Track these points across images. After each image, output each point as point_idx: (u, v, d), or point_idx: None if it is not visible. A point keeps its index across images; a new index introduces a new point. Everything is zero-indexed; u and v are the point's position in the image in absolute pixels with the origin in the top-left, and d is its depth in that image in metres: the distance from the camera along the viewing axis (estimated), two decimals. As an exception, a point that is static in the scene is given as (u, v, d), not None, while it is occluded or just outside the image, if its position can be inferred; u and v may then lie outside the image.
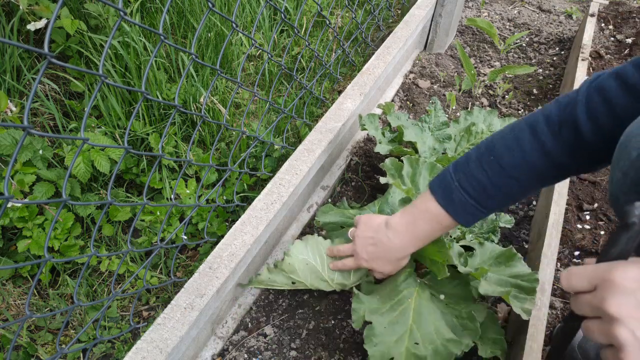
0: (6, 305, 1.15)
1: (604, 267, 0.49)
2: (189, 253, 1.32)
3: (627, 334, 0.46)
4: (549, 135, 0.71)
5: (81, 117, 1.45)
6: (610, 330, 0.47)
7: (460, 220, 0.80)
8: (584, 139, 0.68)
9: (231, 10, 1.79)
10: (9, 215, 1.15)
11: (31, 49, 0.49)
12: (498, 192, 0.76)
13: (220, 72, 0.95)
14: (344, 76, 1.87)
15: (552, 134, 0.71)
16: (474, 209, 0.78)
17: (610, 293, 0.47)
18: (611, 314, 0.47)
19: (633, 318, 0.46)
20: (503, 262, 0.97)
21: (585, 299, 0.51)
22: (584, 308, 0.51)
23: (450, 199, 0.79)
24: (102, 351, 1.07)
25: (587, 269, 0.51)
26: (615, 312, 0.46)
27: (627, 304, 0.46)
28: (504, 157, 0.75)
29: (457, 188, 0.78)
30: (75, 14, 1.52)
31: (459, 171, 0.79)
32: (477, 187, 0.77)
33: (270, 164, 1.45)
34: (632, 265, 0.47)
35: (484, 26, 1.90)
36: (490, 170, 0.76)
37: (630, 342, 0.45)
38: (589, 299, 0.50)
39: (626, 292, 0.46)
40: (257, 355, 1.00)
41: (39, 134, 0.56)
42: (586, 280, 0.51)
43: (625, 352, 0.46)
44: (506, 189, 0.76)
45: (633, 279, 0.46)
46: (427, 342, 0.83)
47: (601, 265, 0.50)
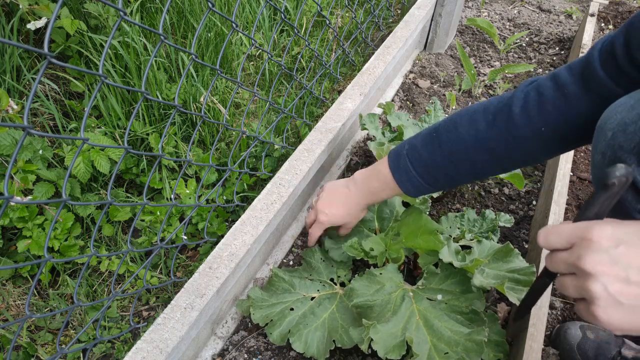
0: (6, 305, 1.15)
1: (582, 226, 0.51)
2: (189, 253, 1.32)
3: (600, 288, 0.48)
4: (483, 123, 0.79)
5: (81, 117, 1.45)
6: (584, 285, 0.49)
7: (401, 186, 0.89)
8: (515, 129, 0.76)
9: (231, 10, 1.79)
10: (9, 215, 1.15)
11: (31, 49, 0.49)
12: (436, 169, 0.84)
13: (220, 72, 0.95)
14: (344, 76, 1.87)
15: (487, 122, 0.79)
16: (415, 179, 0.87)
17: (587, 250, 0.49)
18: (587, 270, 0.49)
19: (606, 274, 0.48)
20: (501, 258, 0.97)
21: (561, 256, 0.53)
22: (559, 265, 0.53)
23: (398, 165, 0.88)
24: (102, 351, 1.07)
25: (564, 227, 0.53)
26: (590, 269, 0.48)
27: (602, 261, 0.48)
28: (443, 137, 0.83)
29: (404, 156, 0.87)
30: (75, 14, 1.52)
31: (410, 143, 0.88)
32: (419, 160, 0.85)
33: (270, 164, 1.45)
34: (608, 225, 0.49)
35: (484, 26, 1.90)
36: (431, 146, 0.84)
37: (602, 296, 0.48)
38: (565, 257, 0.52)
39: (601, 250, 0.48)
40: (257, 355, 1.00)
41: (39, 134, 0.56)
42: (564, 239, 0.52)
43: (597, 305, 0.48)
44: (443, 168, 0.84)
45: (608, 237, 0.48)
46: (453, 345, 0.83)
47: (579, 224, 0.52)
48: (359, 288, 0.94)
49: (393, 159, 0.90)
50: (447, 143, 0.82)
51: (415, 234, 0.99)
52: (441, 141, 0.83)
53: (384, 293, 0.93)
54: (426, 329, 0.87)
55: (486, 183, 1.41)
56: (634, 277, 0.47)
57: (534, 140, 0.76)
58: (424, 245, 0.97)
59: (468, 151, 0.80)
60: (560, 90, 0.73)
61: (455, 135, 0.81)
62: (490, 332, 0.91)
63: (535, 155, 0.80)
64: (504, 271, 0.94)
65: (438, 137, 0.83)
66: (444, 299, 0.92)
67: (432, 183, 0.87)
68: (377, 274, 0.95)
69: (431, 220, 0.98)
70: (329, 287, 1.05)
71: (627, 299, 0.47)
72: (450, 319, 0.88)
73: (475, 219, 1.17)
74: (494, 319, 0.93)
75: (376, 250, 1.02)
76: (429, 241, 0.96)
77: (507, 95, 0.79)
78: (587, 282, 0.49)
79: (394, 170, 0.89)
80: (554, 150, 0.79)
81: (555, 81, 0.74)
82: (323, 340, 0.95)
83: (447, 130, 0.83)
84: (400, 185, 0.89)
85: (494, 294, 1.10)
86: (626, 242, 0.48)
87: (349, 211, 1.01)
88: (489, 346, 0.89)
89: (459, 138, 0.81)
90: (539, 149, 0.78)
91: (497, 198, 1.36)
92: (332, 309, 0.99)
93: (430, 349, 0.84)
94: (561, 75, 0.74)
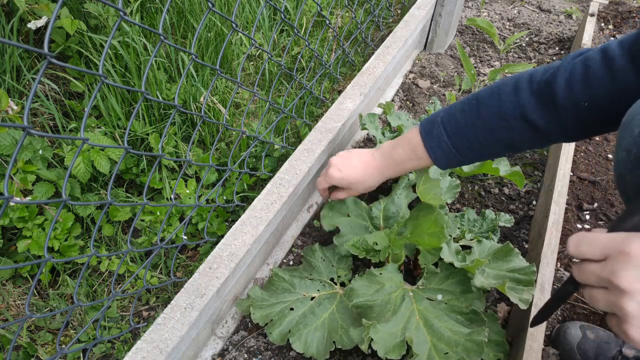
0: (6, 305, 1.15)
1: (620, 238, 0.47)
2: (189, 253, 1.32)
3: (636, 307, 0.45)
4: (527, 91, 0.75)
5: (81, 117, 1.45)
6: (617, 302, 0.47)
7: (431, 154, 0.85)
8: (556, 102, 0.72)
9: (231, 10, 1.79)
10: (9, 215, 1.15)
11: (31, 49, 0.49)
12: (472, 136, 0.81)
13: (220, 72, 0.95)
14: (344, 76, 1.87)
15: (531, 91, 0.75)
16: (447, 146, 0.83)
17: (624, 265, 0.46)
18: (622, 287, 0.46)
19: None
20: (501, 258, 0.97)
21: (592, 268, 0.50)
22: (589, 277, 0.50)
23: (431, 132, 0.85)
24: (102, 351, 1.07)
25: (599, 237, 0.49)
26: (626, 286, 0.45)
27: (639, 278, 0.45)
28: (483, 103, 0.79)
29: (438, 124, 0.84)
30: (75, 13, 1.52)
31: (446, 110, 0.85)
32: (454, 126, 0.82)
33: (270, 164, 1.45)
34: None
35: (484, 26, 1.90)
36: (469, 111, 0.81)
37: (637, 316, 0.45)
38: (598, 270, 0.49)
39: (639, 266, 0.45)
40: (257, 355, 1.00)
41: (39, 134, 0.55)
42: (597, 249, 0.49)
43: (630, 324, 0.46)
44: (479, 137, 0.80)
45: None
46: (453, 345, 0.83)
47: (616, 235, 0.48)
48: (359, 288, 0.94)
49: (426, 126, 0.86)
50: (487, 109, 0.78)
51: (422, 229, 0.99)
52: (481, 107, 0.79)
53: (384, 293, 0.93)
54: (426, 329, 0.87)
55: (486, 183, 1.41)
56: None
57: (573, 116, 0.72)
58: (427, 240, 0.96)
59: (507, 119, 0.77)
60: (608, 64, 0.68)
61: (497, 101, 0.78)
62: (490, 332, 0.91)
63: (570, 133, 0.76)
64: (504, 271, 0.94)
65: (478, 104, 0.80)
66: (444, 299, 0.92)
67: (464, 152, 0.83)
68: (377, 274, 0.95)
69: (442, 214, 0.96)
70: (329, 286, 1.05)
71: None
72: (450, 319, 0.88)
73: (475, 219, 1.17)
74: (494, 319, 0.93)
75: (380, 245, 1.02)
76: (433, 235, 0.95)
77: (555, 65, 0.75)
78: (621, 299, 0.46)
79: (425, 138, 0.85)
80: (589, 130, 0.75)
81: (605, 54, 0.69)
82: (323, 340, 0.95)
83: (489, 96, 0.79)
84: (431, 153, 0.85)
85: (494, 294, 1.10)
86: None
87: (365, 174, 0.97)
88: (489, 346, 0.89)
89: (501, 105, 0.77)
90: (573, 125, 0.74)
91: (497, 198, 1.36)
92: (332, 309, 0.99)
93: (430, 349, 0.84)
94: (611, 48, 0.69)
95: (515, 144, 0.80)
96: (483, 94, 0.80)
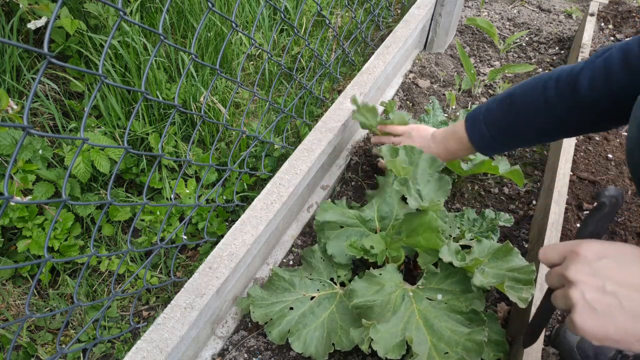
0: (6, 305, 1.15)
1: (574, 242, 0.56)
2: (189, 253, 1.32)
3: (579, 295, 0.52)
4: (553, 91, 0.86)
5: (81, 117, 1.45)
6: (567, 293, 0.54)
7: (475, 144, 1.02)
8: (581, 101, 0.81)
9: (231, 10, 1.79)
10: (9, 215, 1.15)
11: (31, 49, 0.49)
12: (508, 127, 0.95)
13: (220, 71, 0.95)
14: (344, 76, 1.87)
15: (556, 90, 0.85)
16: (488, 137, 0.99)
17: (573, 262, 0.54)
18: (570, 278, 0.54)
19: (585, 283, 0.52)
20: (500, 257, 0.97)
21: (554, 270, 0.58)
22: (554, 279, 0.58)
23: (473, 125, 1.01)
24: (102, 351, 1.07)
25: (560, 244, 0.58)
26: (572, 277, 0.54)
27: (583, 271, 0.53)
28: (515, 99, 0.93)
29: (480, 120, 0.99)
30: (75, 13, 1.52)
31: (486, 105, 0.99)
32: (494, 121, 0.97)
33: (270, 164, 1.45)
34: (597, 242, 0.55)
35: (484, 26, 1.89)
36: (506, 107, 0.95)
37: (580, 302, 0.52)
38: (557, 269, 0.57)
39: (585, 262, 0.53)
40: (257, 355, 1.00)
41: (39, 134, 0.56)
42: (559, 253, 0.58)
43: (575, 311, 0.52)
44: (514, 127, 0.95)
45: (594, 252, 0.54)
46: (453, 345, 0.83)
47: (572, 241, 0.57)
48: (358, 289, 0.94)
49: (470, 120, 1.02)
50: (518, 105, 0.92)
51: (417, 232, 0.99)
52: (513, 103, 0.93)
53: (384, 293, 0.93)
54: (426, 328, 0.87)
55: (486, 182, 1.41)
56: (609, 288, 0.51)
57: (595, 115, 0.82)
58: (424, 243, 0.97)
59: (537, 114, 0.89)
60: (627, 63, 0.74)
61: (528, 98, 0.90)
62: (490, 332, 0.91)
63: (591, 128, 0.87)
64: (504, 270, 0.94)
65: (511, 100, 0.93)
66: (443, 299, 0.92)
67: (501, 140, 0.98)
68: (376, 274, 0.95)
69: (436, 217, 0.98)
70: (329, 286, 1.05)
71: (601, 307, 0.51)
72: (450, 319, 0.88)
73: (475, 219, 1.17)
74: (494, 319, 0.93)
75: (376, 248, 1.02)
76: (429, 239, 0.95)
77: (579, 66, 0.83)
78: (569, 289, 0.54)
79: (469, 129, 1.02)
80: (610, 125, 0.85)
81: (625, 53, 0.75)
82: (322, 340, 0.95)
83: (521, 93, 0.92)
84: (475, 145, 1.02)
85: (494, 293, 1.10)
86: (608, 257, 0.53)
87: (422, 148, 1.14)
88: (489, 346, 0.89)
89: (530, 102, 0.89)
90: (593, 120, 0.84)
91: (497, 198, 1.36)
92: (332, 309, 0.99)
93: (430, 348, 0.84)
94: (630, 46, 0.75)
95: (545, 136, 0.93)
96: (516, 90, 0.94)
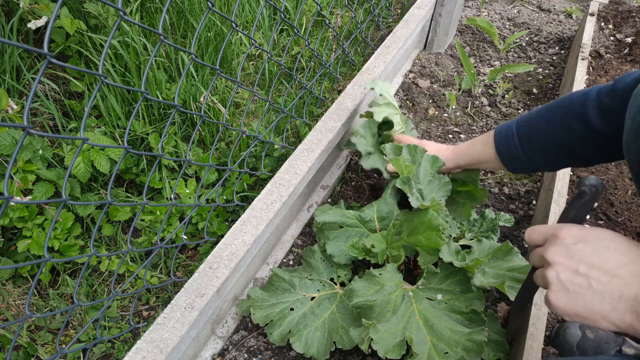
0: (6, 305, 1.15)
1: (556, 226, 0.60)
2: (189, 253, 1.32)
3: (554, 275, 0.57)
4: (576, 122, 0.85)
5: (81, 117, 1.45)
6: (544, 272, 0.58)
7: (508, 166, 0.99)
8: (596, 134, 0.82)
9: (231, 10, 1.79)
10: (9, 215, 1.15)
11: (31, 49, 0.49)
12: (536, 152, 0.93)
13: (220, 71, 0.95)
14: (344, 76, 1.87)
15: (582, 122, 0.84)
16: (516, 151, 0.96)
17: (552, 244, 0.59)
18: (548, 259, 0.58)
19: (561, 264, 0.57)
20: (500, 257, 0.97)
21: (536, 250, 0.62)
22: (536, 259, 0.62)
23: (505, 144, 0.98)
24: (102, 351, 1.07)
25: (544, 226, 0.62)
26: (550, 258, 0.58)
27: (560, 252, 0.57)
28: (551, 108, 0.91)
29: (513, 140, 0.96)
30: (75, 13, 1.52)
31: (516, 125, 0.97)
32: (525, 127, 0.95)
33: (270, 164, 1.45)
34: (576, 227, 0.58)
35: (484, 25, 1.89)
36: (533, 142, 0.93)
37: (554, 282, 0.57)
38: (538, 250, 0.61)
39: (563, 244, 0.57)
40: (257, 355, 1.00)
41: (39, 133, 0.56)
42: (541, 235, 0.62)
43: (550, 289, 0.57)
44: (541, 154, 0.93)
45: (572, 235, 0.57)
46: (453, 345, 0.83)
47: (555, 225, 0.61)
48: (358, 289, 0.94)
49: (500, 134, 0.99)
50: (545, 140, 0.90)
51: (418, 230, 0.99)
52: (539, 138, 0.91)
53: (384, 293, 0.93)
54: (426, 328, 0.87)
55: (486, 182, 1.41)
56: (582, 270, 0.55)
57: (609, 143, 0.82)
58: (425, 242, 0.97)
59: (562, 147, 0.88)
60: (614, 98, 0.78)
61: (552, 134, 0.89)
62: (490, 332, 0.91)
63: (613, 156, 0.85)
64: (504, 270, 0.94)
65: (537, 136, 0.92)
66: (443, 299, 0.92)
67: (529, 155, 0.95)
68: (376, 274, 0.95)
69: (436, 216, 0.98)
70: (329, 287, 1.05)
71: (573, 287, 0.55)
72: (450, 319, 0.88)
73: (475, 219, 1.17)
74: (494, 319, 0.93)
75: (377, 247, 1.02)
76: (430, 238, 0.95)
77: (589, 97, 0.83)
78: (546, 269, 0.58)
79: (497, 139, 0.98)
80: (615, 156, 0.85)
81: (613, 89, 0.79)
82: (323, 340, 0.95)
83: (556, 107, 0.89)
84: (507, 164, 0.99)
85: (494, 293, 1.10)
86: (585, 241, 0.56)
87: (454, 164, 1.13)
88: (489, 346, 0.89)
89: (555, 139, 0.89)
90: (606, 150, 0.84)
91: (497, 197, 1.36)
92: (332, 309, 0.99)
93: (430, 348, 0.84)
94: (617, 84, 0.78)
95: (575, 149, 0.88)
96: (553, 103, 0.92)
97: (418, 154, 1.12)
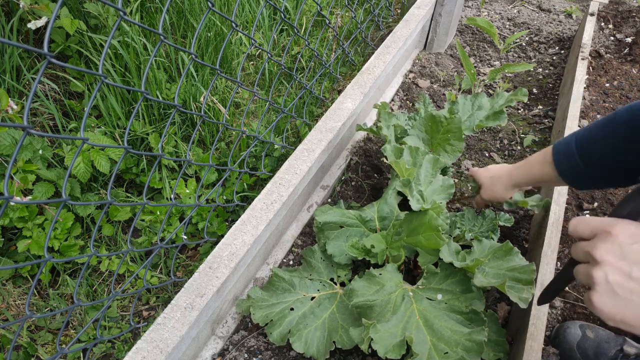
0: (6, 305, 1.15)
1: (609, 221, 0.54)
2: (189, 253, 1.32)
3: (602, 276, 0.51)
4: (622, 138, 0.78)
5: (81, 117, 1.45)
6: (590, 271, 0.53)
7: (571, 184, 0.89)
8: None
9: (231, 10, 1.79)
10: (9, 215, 1.15)
11: (31, 49, 0.49)
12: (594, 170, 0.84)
13: (220, 71, 0.95)
14: (344, 76, 1.87)
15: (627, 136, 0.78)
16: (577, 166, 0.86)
17: (603, 241, 0.53)
18: (596, 257, 0.52)
19: (611, 264, 0.51)
20: (501, 257, 0.97)
21: (582, 244, 0.56)
22: (579, 253, 0.56)
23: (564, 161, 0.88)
24: (102, 351, 1.07)
25: (594, 219, 0.56)
26: (599, 257, 0.52)
27: (611, 251, 0.51)
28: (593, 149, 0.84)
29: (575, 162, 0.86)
30: (75, 13, 1.52)
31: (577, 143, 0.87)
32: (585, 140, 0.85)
33: (270, 164, 1.45)
34: (633, 224, 0.52)
35: (484, 25, 1.89)
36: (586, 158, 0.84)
37: (601, 283, 0.51)
38: (585, 245, 0.55)
39: (615, 243, 0.51)
40: (257, 355, 1.00)
41: (39, 134, 0.56)
42: (589, 229, 0.55)
43: (594, 290, 0.52)
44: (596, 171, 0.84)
45: (629, 234, 0.51)
46: (453, 345, 0.83)
47: (607, 219, 0.54)
48: (358, 288, 0.94)
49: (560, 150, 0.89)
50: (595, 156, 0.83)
51: (417, 231, 0.99)
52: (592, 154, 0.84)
53: (384, 293, 0.93)
54: (426, 328, 0.87)
55: (486, 182, 1.41)
56: (636, 274, 0.49)
57: None
58: (425, 242, 0.97)
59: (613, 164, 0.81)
60: None
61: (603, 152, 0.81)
62: (490, 332, 0.91)
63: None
64: (504, 270, 0.94)
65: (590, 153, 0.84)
66: (443, 299, 0.92)
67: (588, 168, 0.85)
68: (376, 274, 0.95)
69: (436, 216, 0.98)
70: (329, 287, 1.05)
71: (623, 292, 0.50)
72: (450, 319, 0.88)
73: (476, 219, 1.17)
74: (494, 319, 0.93)
75: (377, 247, 1.02)
76: (430, 238, 0.95)
77: None
78: (593, 268, 0.52)
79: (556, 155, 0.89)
80: None
81: None
82: (323, 340, 0.95)
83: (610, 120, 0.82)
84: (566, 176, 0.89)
85: (494, 293, 1.10)
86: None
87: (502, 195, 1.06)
88: (489, 346, 0.89)
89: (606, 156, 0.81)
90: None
91: (497, 197, 1.36)
92: (332, 309, 0.99)
93: (430, 348, 0.84)
94: None
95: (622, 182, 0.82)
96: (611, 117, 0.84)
97: (419, 155, 1.12)
